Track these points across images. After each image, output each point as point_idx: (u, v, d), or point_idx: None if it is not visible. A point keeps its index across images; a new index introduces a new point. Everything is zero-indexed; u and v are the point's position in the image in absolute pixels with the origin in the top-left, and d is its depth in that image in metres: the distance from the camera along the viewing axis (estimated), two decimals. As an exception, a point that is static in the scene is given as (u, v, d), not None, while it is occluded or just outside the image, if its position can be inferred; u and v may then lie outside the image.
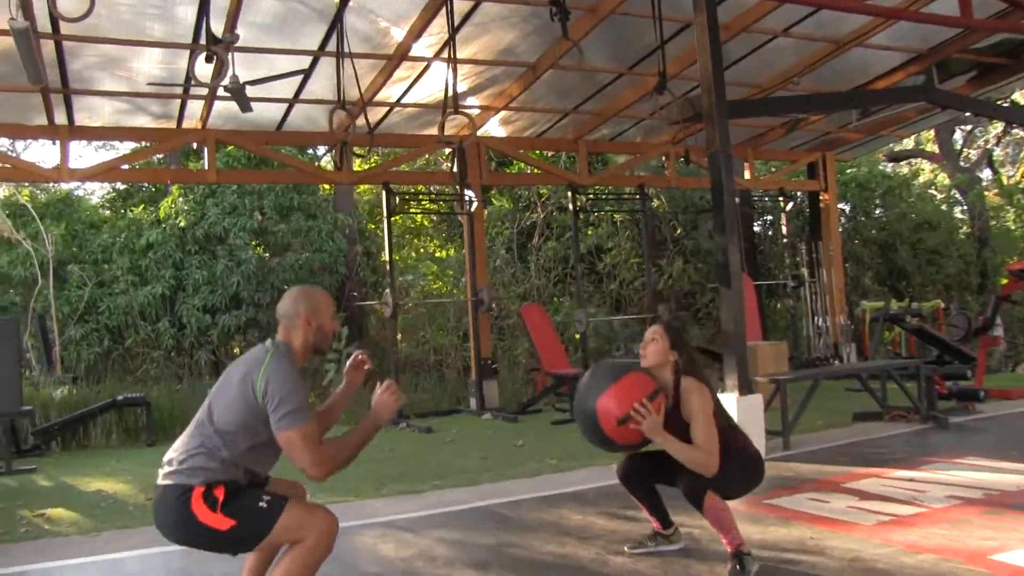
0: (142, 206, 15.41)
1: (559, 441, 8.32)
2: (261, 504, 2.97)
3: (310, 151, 15.69)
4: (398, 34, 8.80)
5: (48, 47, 8.15)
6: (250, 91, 8.26)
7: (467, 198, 10.97)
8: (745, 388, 6.79)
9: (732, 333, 6.80)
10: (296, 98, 9.73)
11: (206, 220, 14.07)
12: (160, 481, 3.04)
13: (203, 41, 7.71)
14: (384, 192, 10.71)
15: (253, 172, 13.38)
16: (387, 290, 10.78)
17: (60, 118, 9.64)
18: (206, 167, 10.46)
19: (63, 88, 8.95)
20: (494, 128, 11.65)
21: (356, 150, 9.94)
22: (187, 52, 8.30)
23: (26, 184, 14.91)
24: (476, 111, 10.79)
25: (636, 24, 8.76)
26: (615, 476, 4.25)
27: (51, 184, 15.02)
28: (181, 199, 14.52)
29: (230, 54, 8.06)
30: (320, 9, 8.19)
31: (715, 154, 6.96)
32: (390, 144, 11.76)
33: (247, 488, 3.07)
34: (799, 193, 14.81)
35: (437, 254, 17.75)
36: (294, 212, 14.58)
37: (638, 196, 12.05)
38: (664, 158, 12.99)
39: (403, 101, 10.32)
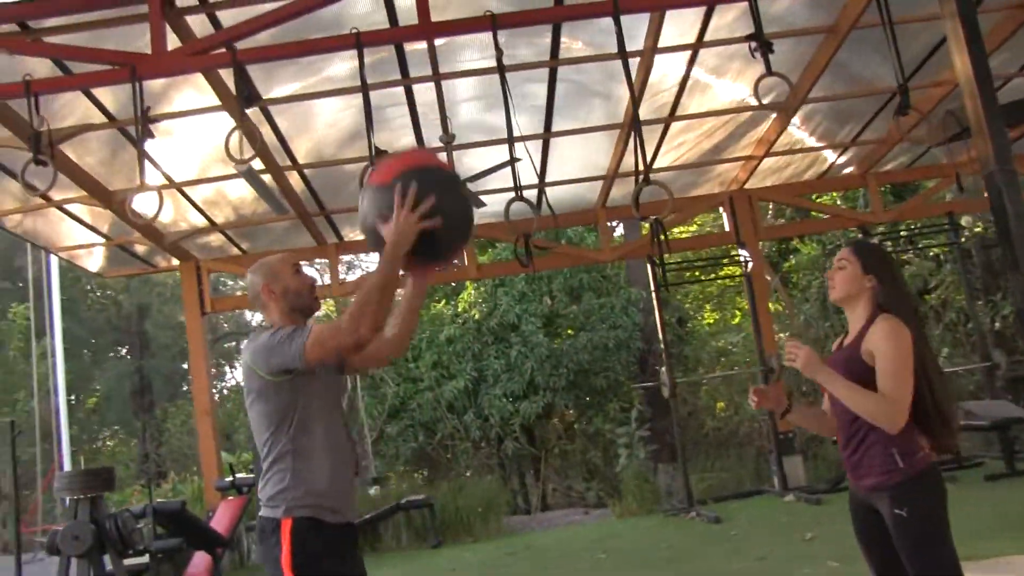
0: (443, 301, 16.08)
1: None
2: None
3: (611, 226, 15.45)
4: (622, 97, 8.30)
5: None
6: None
7: (742, 259, 10.03)
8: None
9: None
10: (542, 182, 9.55)
11: (499, 310, 14.33)
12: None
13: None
14: (648, 265, 10.09)
15: (508, 264, 13.21)
16: (663, 368, 10.04)
17: (332, 236, 10.28)
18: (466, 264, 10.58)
19: (321, 211, 9.52)
20: (768, 176, 10.62)
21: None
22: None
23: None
24: (732, 164, 9.94)
25: (903, 31, 7.45)
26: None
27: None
28: (474, 291, 14.95)
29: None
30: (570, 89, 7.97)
31: (991, 175, 5.57)
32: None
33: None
34: None
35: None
36: (584, 292, 14.39)
37: (949, 227, 10.27)
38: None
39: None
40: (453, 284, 16.61)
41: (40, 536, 10.83)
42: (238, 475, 9.67)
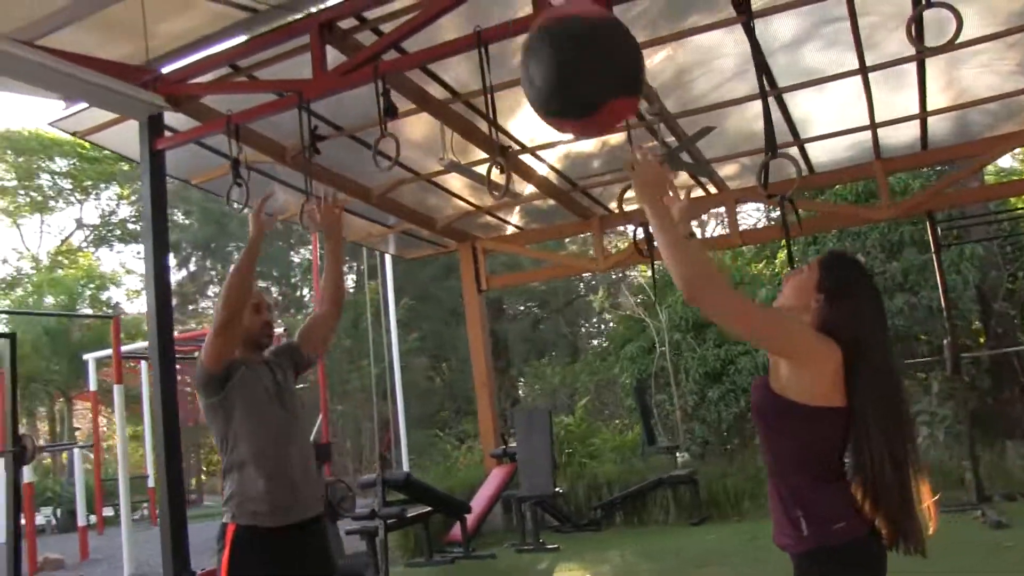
0: (764, 261, 15.35)
1: None
2: None
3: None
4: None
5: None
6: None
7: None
8: None
9: None
10: (800, 139, 8.75)
11: (811, 269, 13.40)
12: None
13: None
14: (928, 223, 8.80)
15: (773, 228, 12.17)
16: (946, 341, 8.74)
17: (600, 210, 10.37)
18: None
19: (574, 186, 9.57)
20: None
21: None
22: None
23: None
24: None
25: None
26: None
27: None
28: (785, 251, 14.11)
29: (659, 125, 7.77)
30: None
31: None
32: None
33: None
34: None
35: None
36: (906, 247, 12.83)
37: None
38: None
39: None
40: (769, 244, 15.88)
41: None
42: (511, 444, 10.30)
